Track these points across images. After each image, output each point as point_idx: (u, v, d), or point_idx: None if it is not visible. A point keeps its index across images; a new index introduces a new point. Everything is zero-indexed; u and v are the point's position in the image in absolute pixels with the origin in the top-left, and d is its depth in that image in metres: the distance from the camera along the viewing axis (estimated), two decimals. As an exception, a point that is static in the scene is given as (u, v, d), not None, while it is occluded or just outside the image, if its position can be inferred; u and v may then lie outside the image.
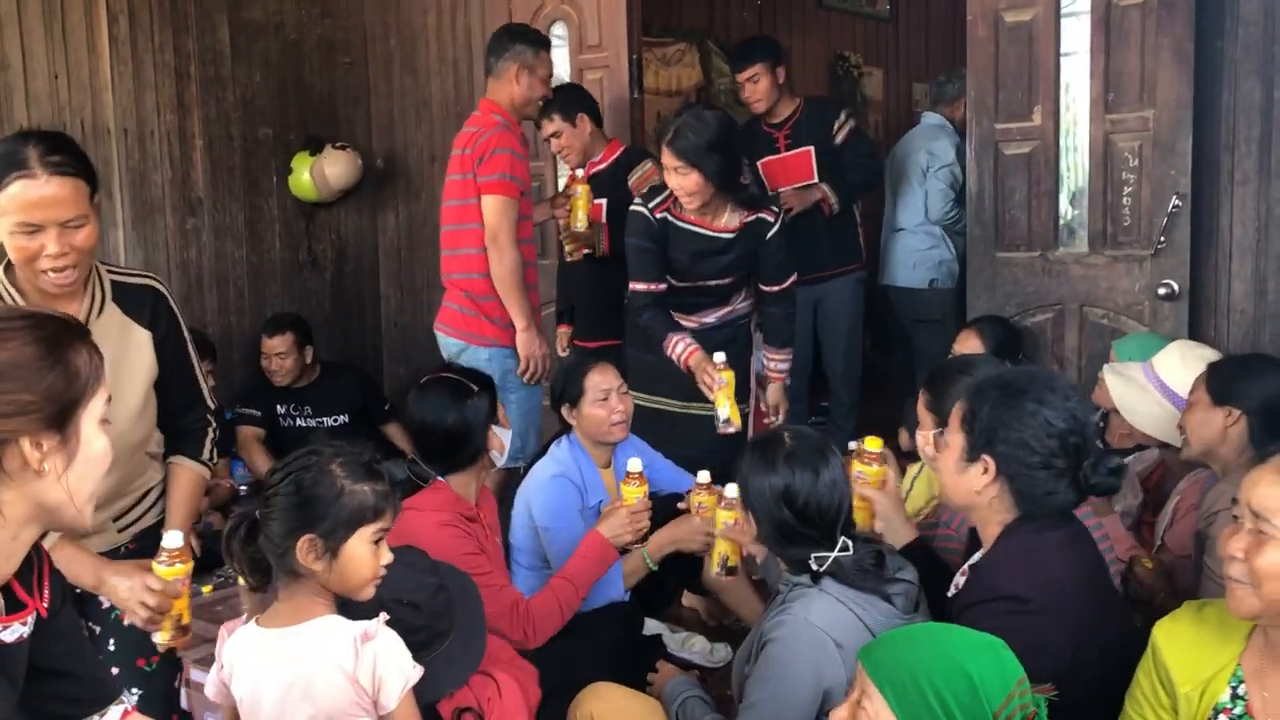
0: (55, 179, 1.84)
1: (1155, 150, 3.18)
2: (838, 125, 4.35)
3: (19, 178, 1.83)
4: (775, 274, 3.41)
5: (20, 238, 1.85)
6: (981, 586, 1.80)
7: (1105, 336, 3.30)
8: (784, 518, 1.93)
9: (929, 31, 8.32)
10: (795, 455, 1.96)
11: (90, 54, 4.08)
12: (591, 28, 4.25)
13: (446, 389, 2.56)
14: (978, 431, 1.83)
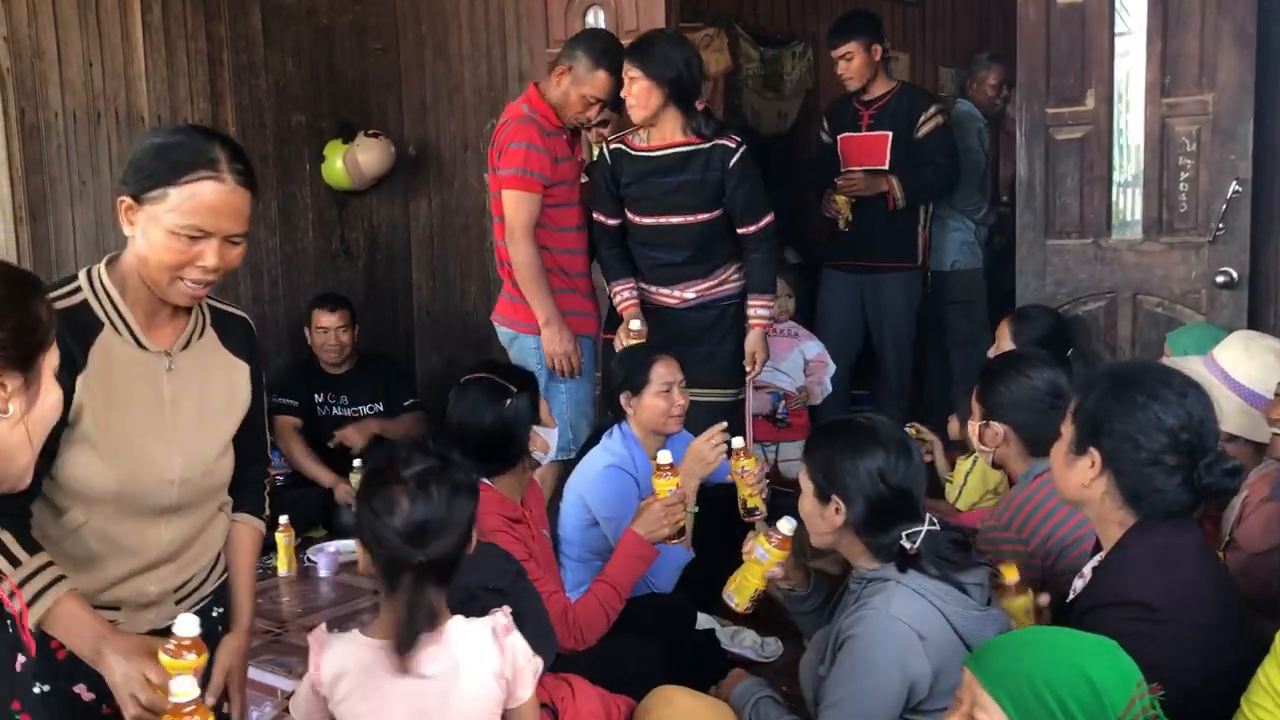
0: (240, 188, 1.69)
1: (1214, 135, 3.12)
2: (925, 118, 4.25)
3: (208, 178, 1.66)
4: (746, 210, 3.35)
5: (180, 241, 1.65)
6: (1106, 590, 1.74)
7: (1160, 325, 3.25)
8: (881, 494, 1.90)
9: (955, 16, 8.23)
10: (882, 435, 1.95)
11: (124, 42, 4.03)
12: (629, 14, 4.18)
13: (485, 389, 2.51)
14: (1084, 423, 1.79)
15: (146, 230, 1.66)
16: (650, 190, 3.36)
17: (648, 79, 3.23)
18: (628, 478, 2.80)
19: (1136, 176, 3.33)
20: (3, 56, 3.70)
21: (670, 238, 3.39)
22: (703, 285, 3.44)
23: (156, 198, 1.64)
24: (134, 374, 1.73)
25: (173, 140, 1.71)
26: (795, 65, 6.79)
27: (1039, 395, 2.44)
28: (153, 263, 1.67)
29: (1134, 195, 3.36)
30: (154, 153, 1.68)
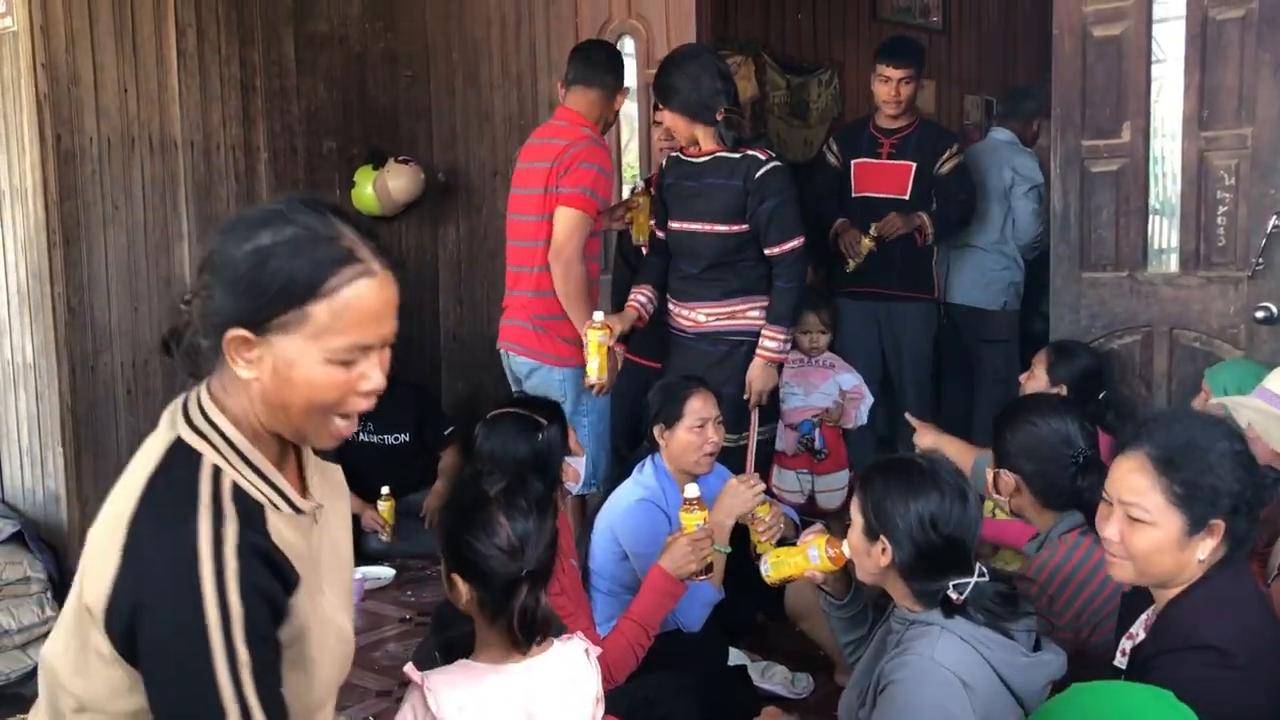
0: (389, 273, 1.30)
1: (1254, 169, 3.09)
2: (948, 155, 4.27)
3: (358, 276, 1.25)
4: (771, 228, 3.25)
5: (339, 369, 1.26)
6: (1175, 634, 1.69)
7: (1198, 360, 3.21)
8: (931, 542, 1.85)
9: (981, 44, 8.23)
10: (940, 479, 1.89)
11: (159, 67, 4.06)
12: (660, 42, 4.19)
13: (515, 423, 2.52)
14: (1199, 502, 1.71)
15: (281, 368, 1.25)
16: (681, 192, 3.37)
17: (669, 111, 3.31)
18: (658, 512, 2.78)
19: (1173, 209, 3.29)
20: (40, 83, 3.73)
21: (691, 245, 3.36)
22: (715, 309, 3.36)
23: (291, 323, 1.23)
24: (306, 554, 1.32)
25: (284, 235, 1.24)
26: (821, 93, 6.81)
27: (1049, 444, 2.38)
28: (299, 406, 1.27)
29: (1171, 228, 3.31)
30: (264, 260, 1.23)
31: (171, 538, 1.19)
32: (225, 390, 1.30)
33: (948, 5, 7.83)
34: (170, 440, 1.27)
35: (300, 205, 1.29)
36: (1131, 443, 1.78)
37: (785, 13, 6.58)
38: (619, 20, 4.29)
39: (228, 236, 1.27)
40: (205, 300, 1.26)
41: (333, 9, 4.61)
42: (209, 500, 1.21)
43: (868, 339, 4.47)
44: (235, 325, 1.23)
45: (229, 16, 4.24)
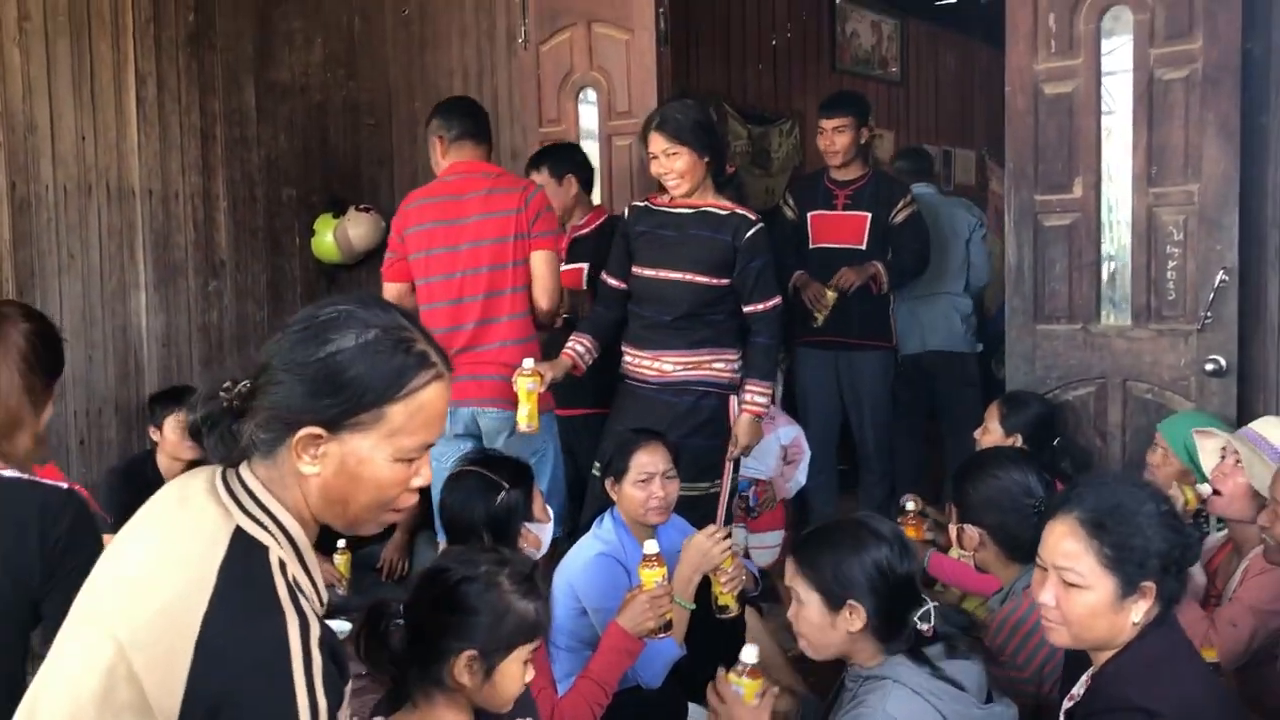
0: (449, 375, 1.33)
1: (1201, 225, 3.15)
2: (901, 205, 4.36)
3: (434, 379, 1.30)
4: (756, 288, 3.31)
5: (404, 467, 1.30)
6: (1108, 696, 1.71)
7: (1150, 412, 3.25)
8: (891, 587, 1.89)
9: (938, 94, 8.39)
10: (873, 527, 1.95)
11: (118, 116, 4.05)
12: (621, 94, 4.23)
13: (478, 483, 2.49)
14: (1130, 564, 1.73)
15: (350, 465, 1.26)
16: (658, 240, 3.35)
17: (692, 152, 3.25)
18: (618, 567, 2.76)
19: (1125, 263, 3.35)
20: (-4, 131, 3.71)
21: (665, 292, 3.34)
22: (683, 358, 3.34)
23: (367, 422, 1.26)
24: None
25: (367, 338, 1.27)
26: (783, 142, 6.89)
27: (1011, 495, 2.39)
28: (361, 503, 1.29)
29: (1123, 281, 3.37)
30: (349, 362, 1.25)
31: (260, 630, 1.18)
32: (278, 480, 1.29)
33: (905, 57, 7.99)
34: (230, 530, 1.24)
35: (374, 305, 1.33)
36: (1061, 508, 1.82)
37: (746, 64, 6.67)
38: (581, 72, 4.32)
39: (304, 336, 1.28)
40: (274, 396, 1.26)
41: (294, 58, 4.63)
42: (287, 596, 1.21)
43: (827, 388, 4.51)
44: (310, 424, 1.25)
45: (189, 66, 4.24)
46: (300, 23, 4.64)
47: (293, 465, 1.27)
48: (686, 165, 3.25)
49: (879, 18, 7.71)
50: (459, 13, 4.72)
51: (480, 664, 1.64)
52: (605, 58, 4.25)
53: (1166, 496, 1.88)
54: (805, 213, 4.46)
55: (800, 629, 1.99)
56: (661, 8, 4.12)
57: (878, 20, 7.70)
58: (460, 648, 1.64)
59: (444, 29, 4.78)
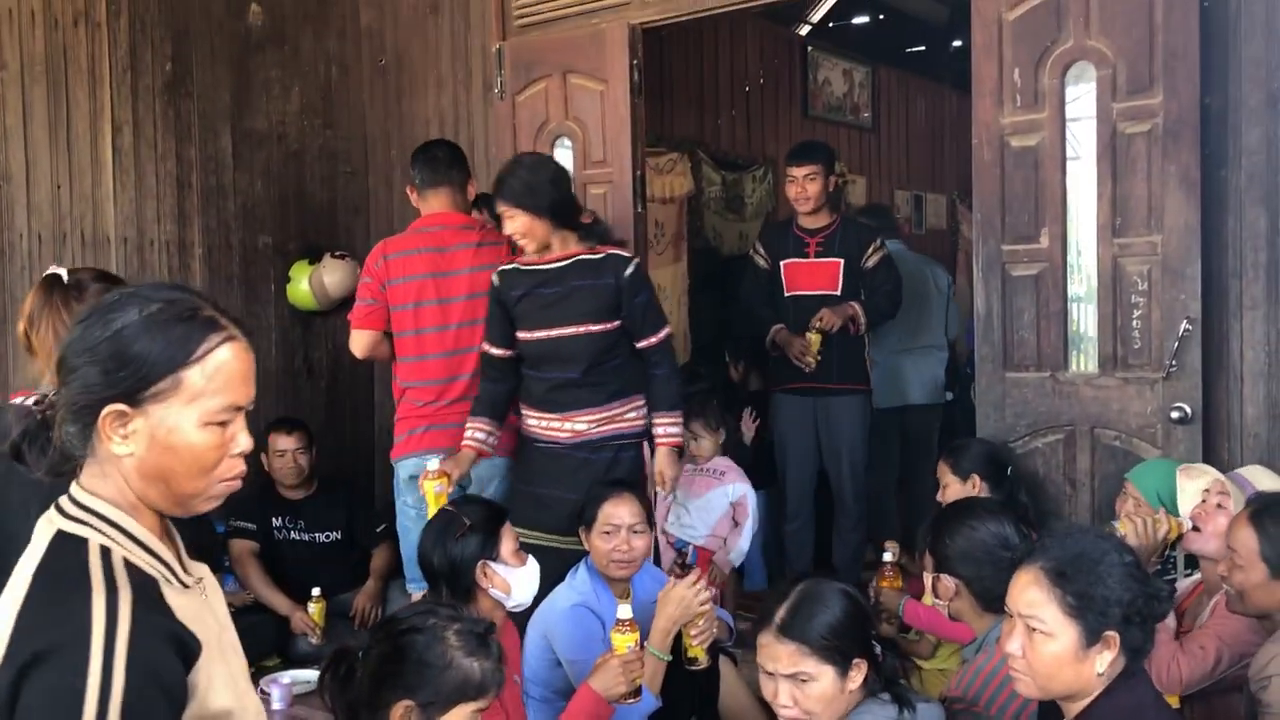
0: (247, 341, 1.37)
1: (1164, 274, 3.21)
2: (872, 249, 4.43)
3: (225, 340, 1.33)
4: (645, 322, 3.31)
5: (214, 432, 1.32)
6: None
7: (1118, 459, 3.29)
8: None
9: (910, 141, 8.52)
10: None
11: (93, 164, 4.06)
12: (596, 144, 4.28)
13: (444, 522, 2.54)
14: (1092, 614, 1.77)
15: (161, 436, 1.29)
16: (540, 301, 3.30)
17: (527, 214, 3.23)
18: (592, 617, 2.76)
19: (1092, 312, 3.41)
20: (-30, 180, 3.71)
21: (562, 351, 3.29)
22: (597, 414, 3.30)
23: (165, 390, 1.29)
24: (203, 626, 1.32)
25: (151, 309, 1.31)
26: (756, 188, 6.98)
27: (987, 546, 2.43)
28: (181, 473, 1.31)
29: (1089, 330, 3.42)
30: (136, 334, 1.29)
31: (65, 610, 1.22)
32: (97, 475, 1.33)
33: (877, 104, 8.11)
34: (49, 537, 1.30)
35: (159, 286, 1.44)
36: (1027, 558, 1.86)
37: (719, 111, 6.76)
38: (556, 122, 4.37)
39: (89, 323, 1.32)
40: (74, 385, 1.30)
41: (271, 106, 4.66)
42: (101, 576, 1.24)
43: (804, 433, 4.53)
44: (110, 402, 1.28)
45: (166, 114, 4.26)
46: (278, 72, 4.68)
47: (106, 451, 1.30)
48: (523, 227, 3.24)
49: (850, 65, 7.84)
50: (435, 63, 4.77)
51: (418, 716, 1.64)
52: (580, 108, 4.30)
53: (1131, 549, 1.91)
54: (778, 261, 4.51)
55: (809, 707, 1.99)
56: (635, 60, 4.18)
57: (849, 68, 7.83)
58: (398, 697, 1.65)
59: (420, 78, 4.82)
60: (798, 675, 2.00)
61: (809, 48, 7.48)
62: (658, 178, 5.92)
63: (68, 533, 1.30)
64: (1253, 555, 2.31)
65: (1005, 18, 3.42)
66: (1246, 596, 2.33)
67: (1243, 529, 2.35)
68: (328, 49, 4.88)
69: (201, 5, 4.39)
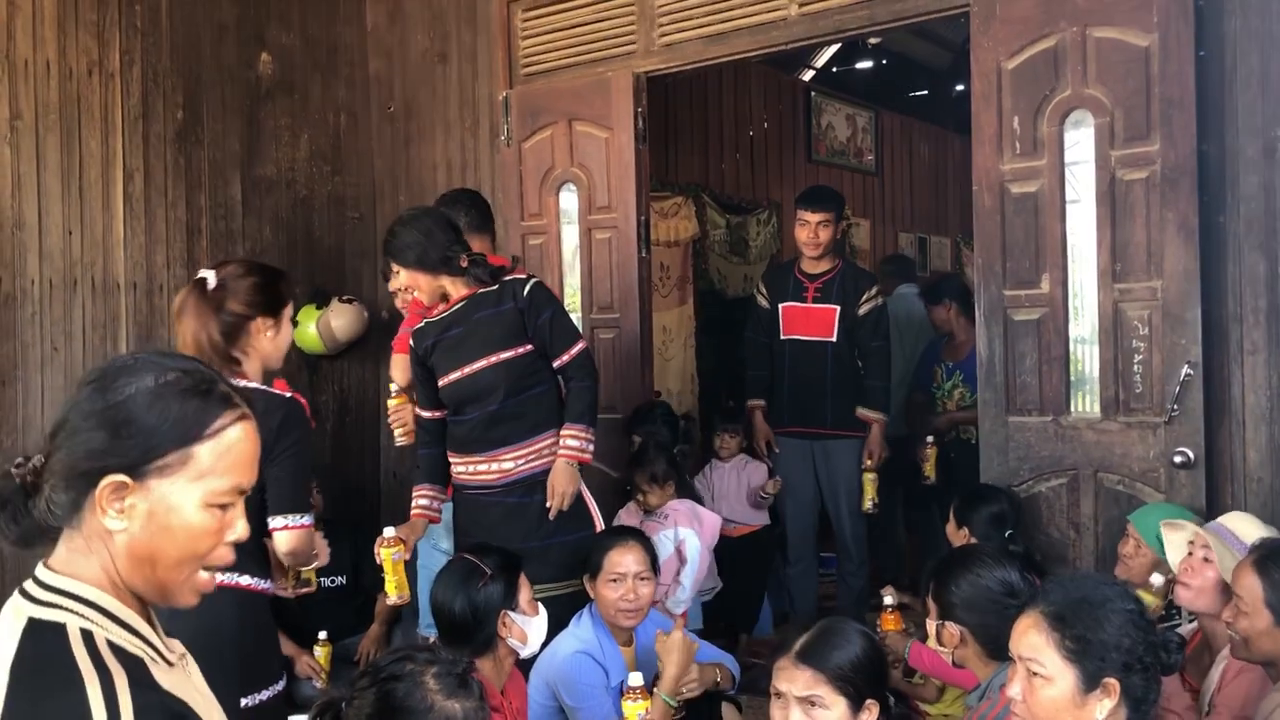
0: (255, 425, 1.31)
1: (1165, 319, 3.23)
2: (867, 297, 4.52)
3: (238, 419, 1.28)
4: (556, 337, 3.22)
5: (213, 515, 1.25)
6: None
7: (1122, 503, 3.29)
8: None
9: (913, 184, 8.58)
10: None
11: (104, 211, 4.11)
12: (601, 189, 4.33)
13: (462, 570, 2.54)
14: (1090, 658, 1.78)
15: (159, 514, 1.22)
16: (448, 343, 3.25)
17: (408, 270, 3.23)
18: (595, 665, 2.76)
19: (1093, 357, 3.42)
20: (-17, 228, 3.76)
21: (477, 386, 3.21)
22: (521, 451, 3.21)
23: (172, 465, 1.22)
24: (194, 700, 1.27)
25: (168, 378, 1.25)
26: (760, 231, 7.03)
27: (993, 594, 2.41)
28: (171, 557, 1.23)
29: (1091, 374, 3.44)
30: (151, 401, 1.22)
31: (59, 704, 1.12)
32: (79, 552, 1.23)
33: (880, 148, 8.18)
34: (20, 627, 1.18)
35: (172, 354, 1.35)
36: (1030, 603, 1.87)
37: (724, 155, 6.83)
38: (562, 168, 4.42)
39: (98, 385, 1.24)
40: (73, 447, 1.21)
41: (281, 154, 4.72)
42: (89, 662, 1.14)
43: (804, 476, 4.57)
44: (112, 471, 1.19)
45: (176, 162, 4.32)
46: (287, 119, 4.74)
47: (96, 526, 1.21)
48: (408, 280, 3.24)
49: (853, 110, 7.92)
50: (443, 110, 4.84)
51: None
52: (585, 154, 4.36)
53: (1135, 596, 1.92)
54: (777, 303, 4.58)
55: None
56: (640, 107, 4.24)
57: (852, 113, 7.91)
58: None
59: (428, 125, 4.89)
60: (811, 699, 2.02)
61: (812, 93, 7.57)
62: (662, 221, 5.98)
63: (42, 620, 1.18)
64: (1258, 602, 2.31)
65: (1004, 67, 3.47)
66: (1251, 643, 2.33)
67: (1248, 576, 2.35)
68: (337, 97, 4.95)
69: (213, 54, 4.47)
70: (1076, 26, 3.33)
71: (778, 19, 3.92)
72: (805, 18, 3.87)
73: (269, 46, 4.68)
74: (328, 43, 4.91)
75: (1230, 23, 3.18)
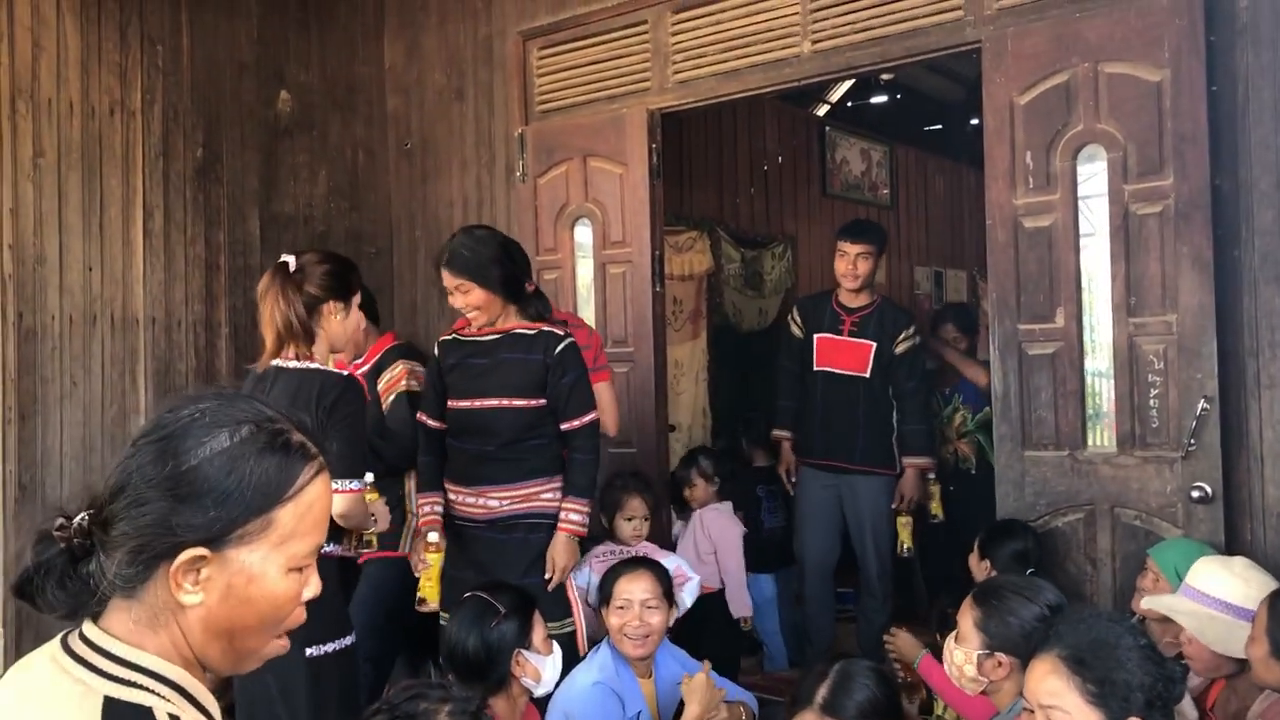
0: (327, 473, 1.20)
1: (1180, 354, 3.22)
2: (904, 335, 4.48)
3: (317, 473, 1.16)
4: (570, 402, 3.20)
5: (296, 579, 1.14)
6: None
7: (1139, 538, 3.27)
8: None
9: (928, 218, 8.59)
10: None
11: (124, 247, 4.16)
12: (615, 224, 4.36)
13: (477, 608, 2.54)
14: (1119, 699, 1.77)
15: (239, 586, 1.10)
16: (470, 370, 3.26)
17: (482, 289, 3.20)
18: (612, 695, 2.75)
19: (1109, 391, 3.41)
20: (6, 264, 3.80)
21: (483, 422, 3.21)
22: (510, 492, 3.20)
23: (254, 533, 1.10)
24: None
25: (245, 431, 1.12)
26: (775, 265, 7.04)
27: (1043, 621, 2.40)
28: (251, 628, 1.12)
29: (1107, 409, 3.42)
30: (231, 464, 1.09)
31: None
32: (145, 624, 1.09)
33: (895, 182, 8.20)
34: (97, 705, 1.04)
35: (236, 399, 1.16)
36: (1042, 646, 1.85)
37: (738, 189, 6.86)
38: (576, 204, 4.46)
39: (165, 444, 1.09)
40: (140, 520, 1.07)
41: (298, 190, 4.77)
42: None
43: (828, 508, 4.53)
44: (190, 545, 1.06)
45: (195, 199, 4.37)
46: (305, 156, 4.80)
47: (167, 599, 1.08)
48: (479, 300, 3.20)
49: (868, 145, 7.95)
50: (459, 147, 4.88)
51: None
52: (600, 190, 4.39)
53: (1144, 630, 1.90)
54: (812, 333, 4.56)
55: None
56: (654, 143, 4.27)
57: (867, 147, 7.94)
58: None
59: (445, 162, 4.93)
60: None
61: (827, 128, 7.60)
62: (677, 255, 6.00)
63: (122, 700, 1.04)
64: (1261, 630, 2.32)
65: (1016, 102, 3.48)
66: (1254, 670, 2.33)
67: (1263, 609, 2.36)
68: (354, 134, 5.00)
69: (232, 93, 4.53)
70: (1088, 62, 3.34)
71: (790, 56, 3.95)
72: (818, 55, 3.90)
73: (288, 85, 4.74)
74: (346, 81, 4.97)
75: (1242, 57, 3.19)
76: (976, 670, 2.45)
